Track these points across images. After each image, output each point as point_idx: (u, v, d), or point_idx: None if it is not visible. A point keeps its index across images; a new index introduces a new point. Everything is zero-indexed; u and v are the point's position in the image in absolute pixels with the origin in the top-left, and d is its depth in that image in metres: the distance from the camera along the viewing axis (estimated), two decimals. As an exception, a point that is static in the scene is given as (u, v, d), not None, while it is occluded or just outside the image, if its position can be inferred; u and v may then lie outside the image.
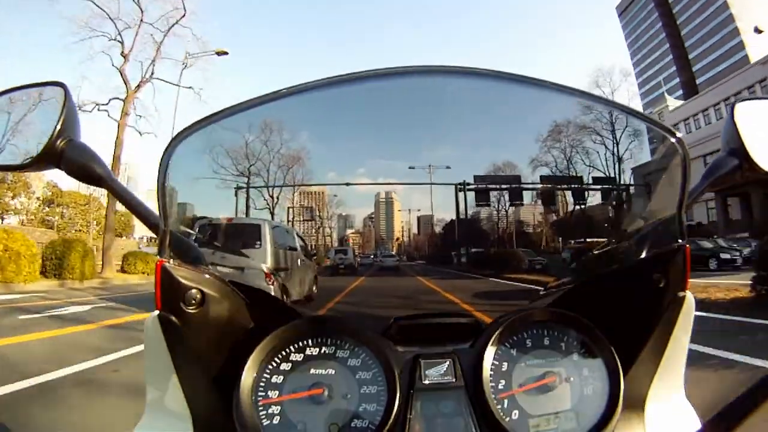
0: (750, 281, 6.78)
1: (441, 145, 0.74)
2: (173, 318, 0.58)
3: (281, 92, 0.60)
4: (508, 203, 0.93)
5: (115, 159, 19.46)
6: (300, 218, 1.02)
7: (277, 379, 0.62)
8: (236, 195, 0.86)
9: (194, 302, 0.59)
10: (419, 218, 0.97)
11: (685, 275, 0.63)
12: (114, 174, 0.65)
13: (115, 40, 20.31)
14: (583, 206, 0.80)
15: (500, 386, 0.62)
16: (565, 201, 0.83)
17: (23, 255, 12.52)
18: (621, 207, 0.79)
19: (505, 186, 0.87)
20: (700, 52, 46.23)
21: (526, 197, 0.86)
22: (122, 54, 20.39)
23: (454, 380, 0.63)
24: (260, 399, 0.60)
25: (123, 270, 19.56)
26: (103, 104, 20.04)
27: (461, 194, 0.87)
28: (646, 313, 0.64)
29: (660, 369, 0.64)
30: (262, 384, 0.61)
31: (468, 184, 0.86)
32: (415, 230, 1.07)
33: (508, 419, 0.60)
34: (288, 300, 0.79)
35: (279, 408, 0.60)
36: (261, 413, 0.60)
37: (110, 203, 18.26)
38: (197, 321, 0.60)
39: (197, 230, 0.76)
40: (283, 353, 0.64)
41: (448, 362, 0.64)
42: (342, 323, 0.65)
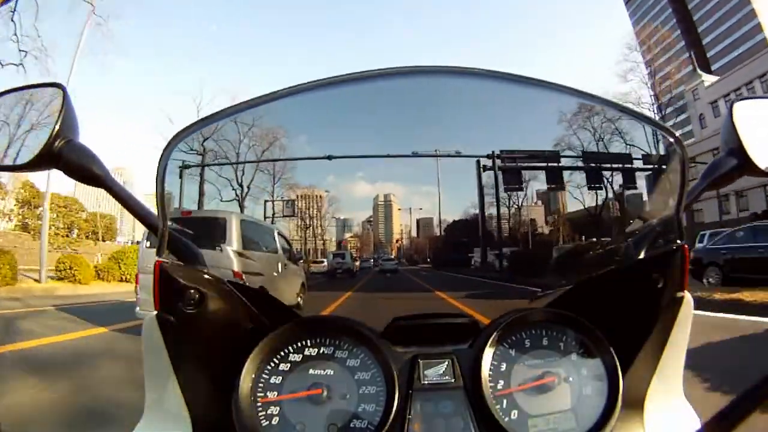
0: None
1: (440, 146, 0.74)
2: (172, 318, 0.58)
3: (280, 93, 0.60)
4: (546, 187, 0.82)
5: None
6: (281, 214, 0.90)
7: (276, 380, 0.62)
8: (238, 186, 0.78)
9: (193, 302, 0.59)
10: (419, 221, 0.94)
11: (684, 275, 0.63)
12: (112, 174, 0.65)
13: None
14: (582, 206, 0.80)
15: (499, 386, 0.62)
16: (564, 201, 0.82)
17: None
18: (620, 207, 0.79)
19: (541, 164, 0.77)
20: (715, 37, 43.49)
21: (528, 194, 0.82)
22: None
23: (453, 380, 0.62)
24: (259, 399, 0.60)
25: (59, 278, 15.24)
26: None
27: (486, 175, 0.77)
28: (645, 313, 0.64)
29: (659, 369, 0.64)
30: (261, 384, 0.61)
31: (498, 156, 0.75)
32: (415, 233, 1.00)
33: (507, 419, 0.60)
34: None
35: (278, 408, 0.60)
36: (260, 413, 0.60)
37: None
38: (196, 321, 0.60)
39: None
40: (282, 353, 0.64)
41: (447, 362, 0.64)
42: (341, 324, 0.65)
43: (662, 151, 0.68)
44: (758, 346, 4.10)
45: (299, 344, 0.64)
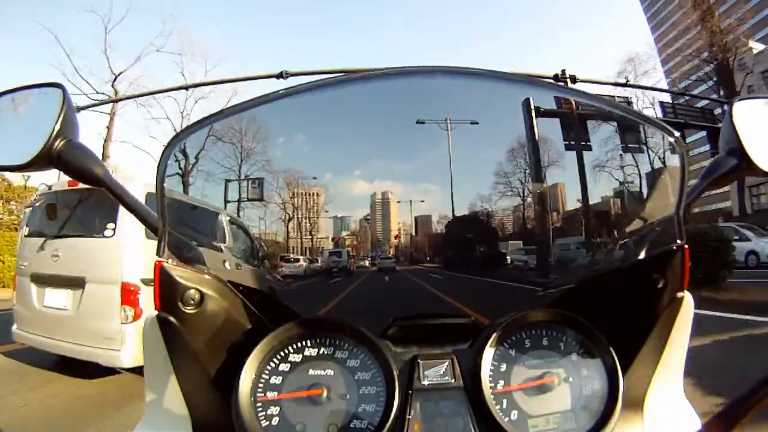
0: None
1: (440, 146, 0.74)
2: (172, 318, 0.58)
3: (279, 93, 0.60)
4: (620, 147, 0.71)
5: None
6: (246, 197, 0.72)
7: (276, 380, 0.62)
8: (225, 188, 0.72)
9: (193, 302, 0.59)
10: (417, 218, 0.93)
11: (684, 275, 0.63)
12: (112, 174, 0.65)
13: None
14: (581, 205, 0.80)
15: (499, 386, 0.62)
16: (564, 199, 0.82)
17: None
18: (620, 207, 0.79)
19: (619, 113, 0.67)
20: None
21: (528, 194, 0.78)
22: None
23: (453, 381, 0.62)
24: (259, 399, 0.60)
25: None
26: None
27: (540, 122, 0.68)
28: (645, 313, 0.64)
29: (659, 369, 0.64)
30: (261, 384, 0.61)
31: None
32: (414, 231, 1.00)
33: (507, 419, 0.60)
34: (287, 300, 0.79)
35: (278, 408, 0.60)
36: (260, 414, 0.60)
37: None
38: (196, 321, 0.60)
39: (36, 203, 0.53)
40: (282, 354, 0.64)
41: (447, 363, 0.64)
42: (341, 324, 0.65)
43: (661, 151, 0.68)
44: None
45: (299, 344, 0.64)
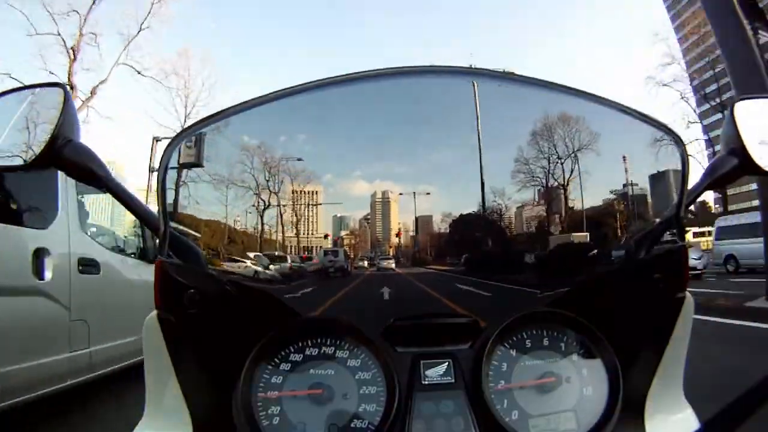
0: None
1: (441, 146, 0.74)
2: (172, 318, 0.58)
3: (279, 93, 0.60)
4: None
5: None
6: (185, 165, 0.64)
7: (277, 380, 0.62)
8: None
9: (193, 302, 0.60)
10: (417, 219, 0.92)
11: (685, 276, 0.63)
12: (113, 174, 0.66)
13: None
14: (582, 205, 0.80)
15: (500, 386, 0.62)
16: (564, 200, 0.81)
17: None
18: (620, 208, 0.79)
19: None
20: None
21: (529, 194, 0.76)
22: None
23: (454, 381, 0.63)
24: (260, 399, 0.61)
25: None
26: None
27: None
28: (646, 314, 0.64)
29: (659, 369, 0.64)
30: (262, 384, 0.61)
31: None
32: (415, 232, 0.95)
33: (508, 419, 0.60)
34: (287, 300, 0.78)
35: (278, 408, 0.60)
36: (260, 413, 0.60)
37: None
38: (196, 321, 0.60)
39: None
40: (283, 353, 0.64)
41: (448, 363, 0.64)
42: (341, 324, 0.65)
43: (662, 151, 0.68)
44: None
45: (300, 344, 0.64)
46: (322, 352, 0.64)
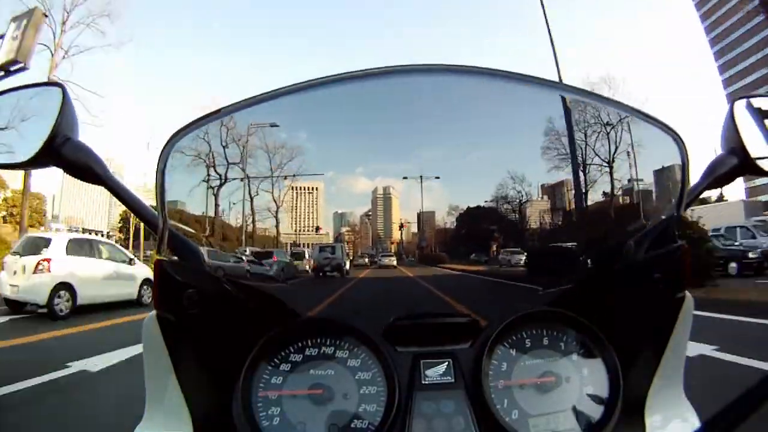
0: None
1: (441, 145, 0.74)
2: (172, 317, 0.58)
3: (279, 91, 0.60)
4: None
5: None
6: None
7: (277, 380, 0.62)
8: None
9: (193, 302, 0.59)
10: (419, 215, 0.90)
11: (685, 275, 0.63)
12: (112, 172, 0.65)
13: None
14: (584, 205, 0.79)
15: (500, 386, 0.62)
16: (570, 199, 0.81)
17: None
18: (620, 207, 0.79)
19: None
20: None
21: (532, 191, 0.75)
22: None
23: (454, 380, 0.62)
24: (260, 399, 0.60)
25: None
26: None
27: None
28: (646, 313, 0.64)
29: (660, 369, 0.64)
30: (262, 384, 0.61)
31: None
32: (420, 230, 0.90)
33: (508, 419, 0.60)
34: (287, 300, 0.78)
35: (279, 408, 0.60)
36: (261, 413, 0.60)
37: None
38: (196, 321, 0.59)
39: None
40: (283, 353, 0.64)
41: (448, 362, 0.64)
42: (341, 324, 0.65)
43: (663, 151, 0.68)
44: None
45: (300, 344, 0.64)
46: (322, 352, 0.64)
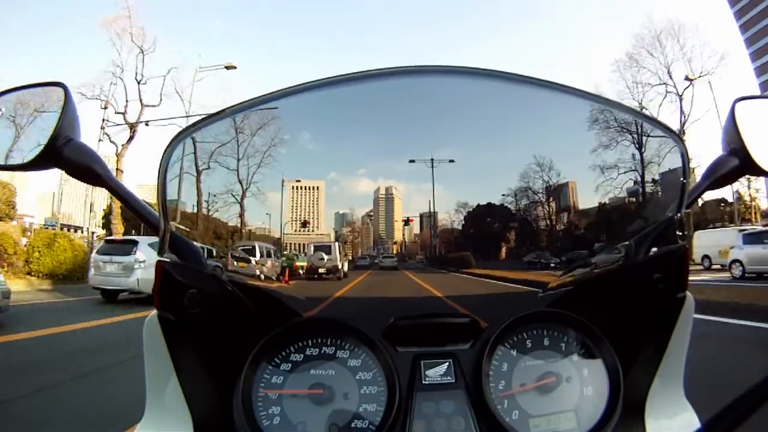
0: None
1: (443, 145, 0.74)
2: (173, 318, 0.58)
3: (282, 92, 0.60)
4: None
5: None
6: None
7: (277, 380, 0.62)
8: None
9: (194, 302, 0.59)
10: (421, 215, 0.90)
11: (685, 276, 0.63)
12: (113, 173, 0.65)
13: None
14: (585, 205, 0.80)
15: (500, 386, 0.62)
16: (573, 200, 0.81)
17: None
18: (621, 207, 0.79)
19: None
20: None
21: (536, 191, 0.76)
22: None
23: (454, 381, 0.63)
24: (260, 399, 0.61)
25: None
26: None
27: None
28: (646, 314, 0.64)
29: (660, 369, 0.64)
30: (262, 384, 0.61)
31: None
32: (420, 229, 0.87)
33: (509, 419, 0.60)
34: (288, 300, 0.78)
35: (279, 408, 0.60)
36: (261, 413, 0.60)
37: None
38: (197, 321, 0.60)
39: None
40: (283, 353, 0.64)
41: (448, 363, 0.64)
42: (342, 324, 0.65)
43: (664, 152, 0.68)
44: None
45: (300, 344, 0.64)
46: (323, 352, 0.64)
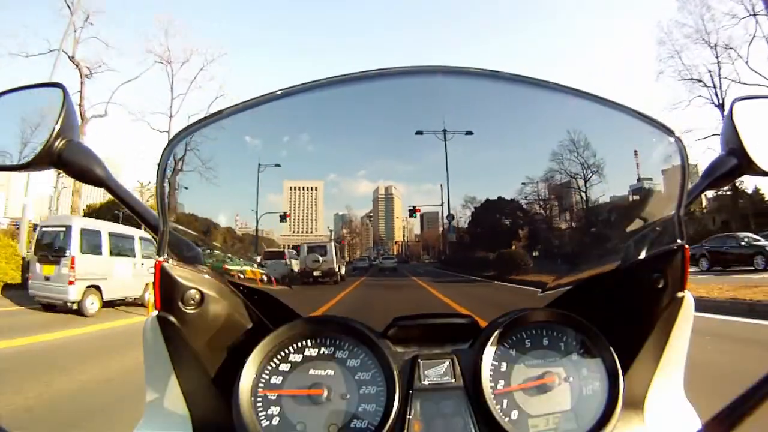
0: None
1: (442, 146, 0.74)
2: (172, 318, 0.58)
3: (281, 92, 0.60)
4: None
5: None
6: None
7: (276, 380, 0.62)
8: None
9: (193, 302, 0.60)
10: (422, 216, 0.89)
11: (684, 275, 0.63)
12: (112, 174, 0.65)
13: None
14: (585, 206, 0.80)
15: (499, 386, 0.62)
16: (573, 200, 0.81)
17: None
18: (620, 206, 0.79)
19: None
20: None
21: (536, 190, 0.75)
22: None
23: (454, 381, 0.63)
24: (259, 399, 0.61)
25: None
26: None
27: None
28: (646, 314, 0.64)
29: (660, 369, 0.64)
30: (262, 384, 0.61)
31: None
32: (421, 229, 0.86)
33: (508, 419, 0.60)
34: (287, 300, 0.78)
35: (278, 408, 0.60)
36: (260, 413, 0.60)
37: None
38: (196, 321, 0.60)
39: None
40: (282, 354, 0.64)
41: (448, 363, 0.64)
42: (341, 324, 0.65)
43: (663, 151, 0.68)
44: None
45: (300, 344, 0.64)
46: (322, 352, 0.64)
